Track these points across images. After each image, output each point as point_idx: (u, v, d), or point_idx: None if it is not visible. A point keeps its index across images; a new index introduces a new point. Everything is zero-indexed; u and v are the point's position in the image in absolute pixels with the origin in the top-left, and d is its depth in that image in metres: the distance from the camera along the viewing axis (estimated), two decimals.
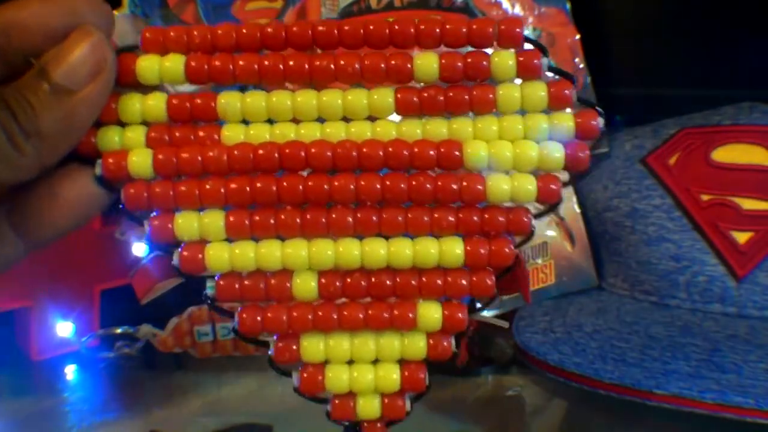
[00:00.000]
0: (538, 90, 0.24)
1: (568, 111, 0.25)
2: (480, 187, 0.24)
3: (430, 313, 0.25)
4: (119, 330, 0.48)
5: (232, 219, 0.24)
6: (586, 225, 0.56)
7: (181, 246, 0.25)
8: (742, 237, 0.49)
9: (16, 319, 0.50)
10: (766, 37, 0.62)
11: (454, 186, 0.24)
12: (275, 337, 0.25)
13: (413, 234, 0.24)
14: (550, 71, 0.24)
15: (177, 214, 0.24)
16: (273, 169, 0.24)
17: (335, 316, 0.25)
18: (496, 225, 0.24)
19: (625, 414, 0.42)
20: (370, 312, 0.25)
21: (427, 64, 0.24)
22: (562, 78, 0.25)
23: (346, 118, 0.25)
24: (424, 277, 0.25)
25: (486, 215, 0.24)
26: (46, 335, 0.49)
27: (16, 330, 0.51)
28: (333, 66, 0.24)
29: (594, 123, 0.25)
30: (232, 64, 0.24)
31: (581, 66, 0.57)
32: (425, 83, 0.25)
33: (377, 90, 0.24)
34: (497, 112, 0.25)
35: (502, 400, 0.46)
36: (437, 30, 0.24)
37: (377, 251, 0.24)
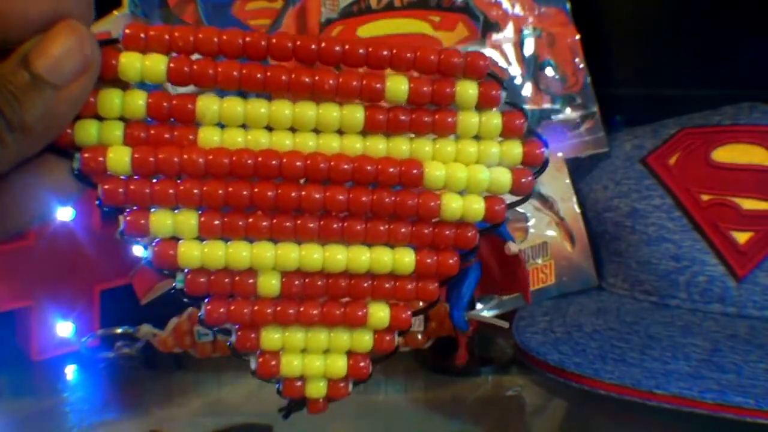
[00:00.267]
0: (493, 119, 0.27)
1: (517, 139, 0.27)
2: (434, 204, 0.26)
3: (378, 312, 0.27)
4: (119, 330, 0.48)
5: (204, 219, 0.26)
6: (586, 225, 0.56)
7: (155, 242, 0.26)
8: (742, 237, 0.49)
9: (17, 319, 0.50)
10: (766, 37, 0.62)
11: (411, 202, 0.26)
12: (237, 327, 0.27)
13: (371, 243, 0.27)
14: (506, 104, 0.27)
15: (152, 212, 0.26)
16: (246, 175, 0.26)
17: (293, 312, 0.27)
18: (445, 239, 0.27)
19: (625, 414, 0.42)
20: (325, 309, 0.27)
21: (398, 86, 0.26)
22: (515, 109, 0.27)
23: (317, 130, 0.26)
24: (376, 281, 0.27)
25: (436, 230, 0.27)
26: (46, 335, 0.49)
27: (17, 330, 0.50)
28: (309, 80, 0.26)
29: (539, 152, 0.27)
30: (212, 69, 0.25)
31: (581, 66, 0.57)
32: (394, 104, 0.26)
33: (348, 106, 0.26)
34: (455, 136, 0.27)
35: (502, 400, 0.46)
36: (409, 55, 0.26)
37: (337, 256, 0.26)
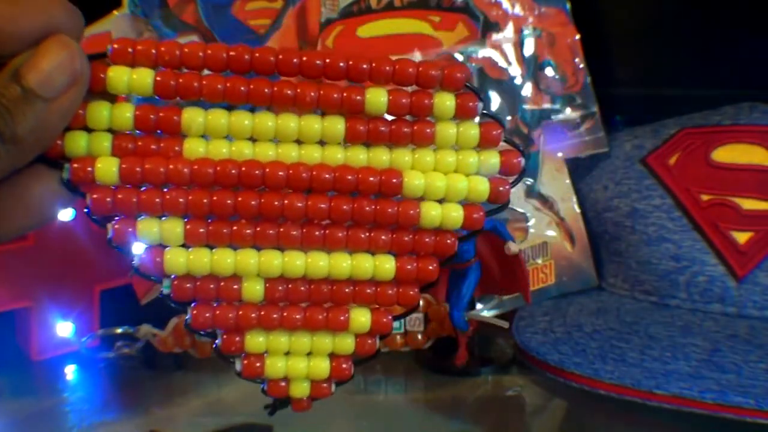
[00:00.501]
0: (471, 129, 0.27)
1: (495, 150, 0.28)
2: (413, 212, 0.27)
3: (360, 317, 0.28)
4: (119, 330, 0.48)
5: (189, 227, 0.26)
6: (586, 225, 0.56)
7: (142, 249, 0.27)
8: (742, 237, 0.49)
9: (17, 319, 0.50)
10: (766, 37, 0.62)
11: (391, 210, 0.27)
12: (222, 331, 0.28)
13: (352, 250, 0.27)
14: (483, 115, 0.27)
15: (139, 220, 0.26)
16: (230, 184, 0.26)
17: (276, 316, 0.27)
18: (424, 246, 0.28)
19: (625, 414, 0.42)
20: (308, 314, 0.28)
21: (377, 98, 0.27)
22: (492, 120, 0.28)
23: (299, 141, 0.27)
24: (357, 287, 0.28)
25: (416, 237, 0.28)
26: (46, 335, 0.49)
27: (17, 330, 0.50)
28: (291, 92, 0.26)
29: (516, 161, 0.28)
30: (197, 82, 0.26)
31: (581, 66, 0.57)
32: (373, 115, 0.27)
33: (329, 117, 0.27)
34: (434, 146, 0.28)
35: (502, 400, 0.46)
36: (388, 68, 0.27)
37: (319, 263, 0.27)
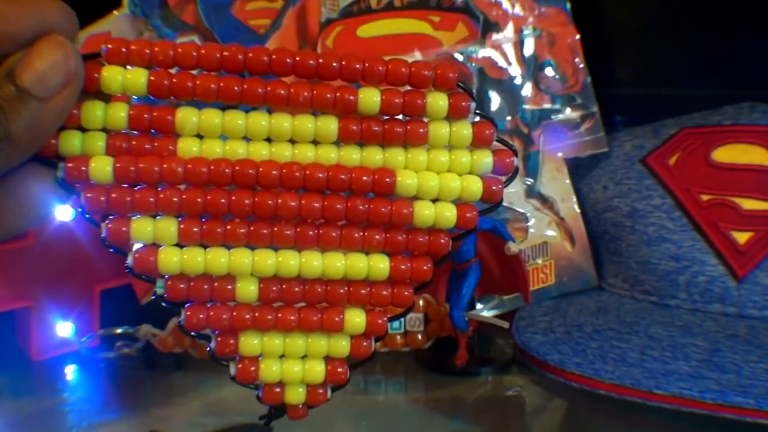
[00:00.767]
0: (463, 129, 0.27)
1: (488, 149, 0.27)
2: (407, 211, 0.27)
3: (355, 318, 0.28)
4: (119, 330, 0.48)
5: (183, 226, 0.26)
6: (586, 225, 0.56)
7: (136, 248, 0.27)
8: (742, 237, 0.49)
9: (17, 319, 0.50)
10: (766, 37, 0.62)
11: (384, 209, 0.27)
12: (217, 333, 0.28)
13: (346, 249, 0.27)
14: (476, 114, 0.27)
15: (133, 219, 0.26)
16: (224, 183, 0.26)
17: (271, 317, 0.27)
18: (418, 245, 0.27)
19: (625, 414, 0.42)
20: (302, 315, 0.27)
21: (370, 98, 0.26)
22: (484, 120, 0.28)
23: (292, 140, 0.27)
24: (352, 287, 0.27)
25: (409, 236, 0.27)
26: (46, 335, 0.49)
27: (17, 330, 0.50)
28: (285, 92, 0.26)
29: (509, 161, 0.27)
30: (191, 82, 0.26)
31: (581, 66, 0.57)
32: (367, 115, 0.27)
33: (322, 117, 0.27)
34: (427, 146, 0.27)
35: (502, 400, 0.46)
36: (381, 68, 0.26)
37: (313, 263, 0.27)
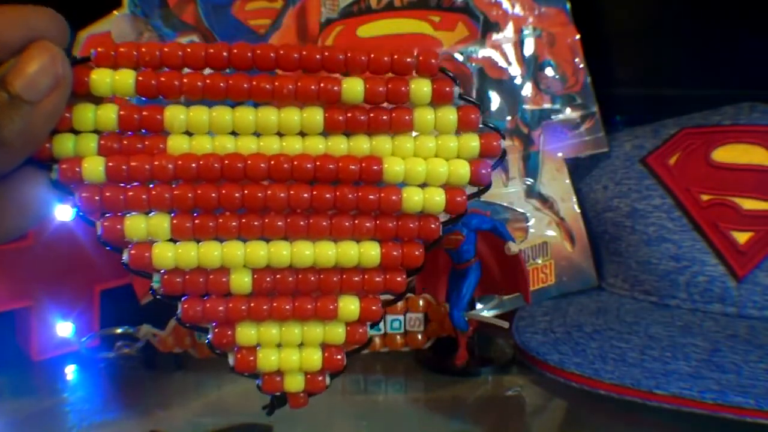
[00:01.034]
0: (449, 114, 0.27)
1: (475, 133, 0.28)
2: (395, 198, 0.27)
3: (349, 305, 0.28)
4: (119, 330, 0.48)
5: (176, 221, 0.27)
6: (586, 225, 0.56)
7: (131, 245, 0.27)
8: (742, 237, 0.49)
9: (17, 319, 0.50)
10: (766, 37, 0.62)
11: (373, 197, 0.27)
12: (214, 324, 0.28)
13: (336, 238, 0.27)
14: (460, 98, 0.27)
15: (127, 216, 0.27)
16: (214, 178, 0.26)
17: (266, 308, 0.28)
18: (409, 231, 0.28)
19: (625, 414, 0.42)
20: (297, 304, 0.28)
21: (353, 87, 0.27)
22: (469, 104, 0.28)
23: (280, 133, 0.27)
24: (345, 275, 0.28)
25: (400, 222, 0.27)
26: (46, 335, 0.49)
27: (17, 330, 0.51)
28: (270, 86, 0.27)
29: (496, 144, 0.27)
30: (178, 80, 0.26)
31: (581, 66, 0.57)
32: (351, 104, 0.27)
33: (308, 108, 0.27)
34: (414, 132, 0.28)
35: (502, 400, 0.46)
36: (363, 58, 0.27)
37: (304, 252, 0.27)
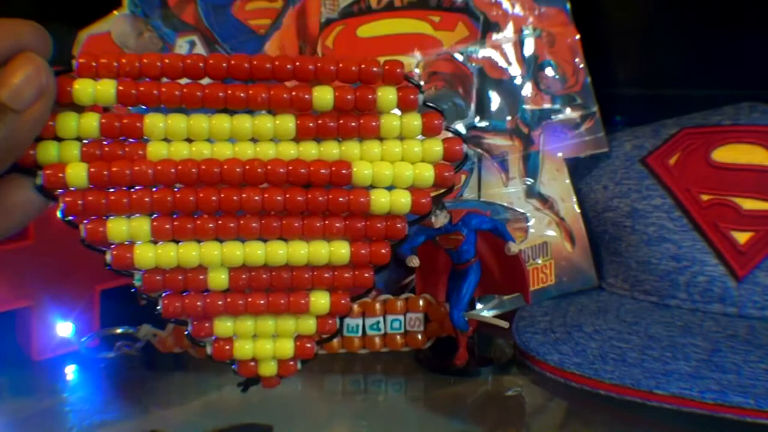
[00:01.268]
0: (413, 120, 0.29)
1: (438, 138, 0.29)
2: (364, 200, 0.29)
3: (320, 300, 0.30)
4: (119, 330, 0.48)
5: (156, 224, 0.28)
6: (586, 225, 0.56)
7: (113, 246, 0.29)
8: (742, 237, 0.49)
9: (17, 319, 0.50)
10: (766, 37, 0.62)
11: (343, 199, 0.29)
12: (192, 318, 0.30)
13: (308, 238, 0.29)
14: (424, 105, 0.29)
15: (109, 219, 0.28)
16: (192, 182, 0.28)
17: (242, 303, 0.29)
18: (376, 231, 0.29)
19: (625, 414, 0.42)
20: (271, 299, 0.29)
21: (323, 95, 0.28)
22: (433, 111, 0.29)
23: (254, 139, 0.29)
24: (316, 272, 0.30)
25: (368, 223, 0.29)
26: (46, 335, 0.49)
27: (17, 330, 0.50)
28: (244, 95, 0.28)
29: (458, 148, 0.29)
30: (156, 90, 0.28)
31: (581, 66, 0.57)
32: (321, 112, 0.29)
33: (280, 116, 0.28)
34: (380, 138, 0.29)
35: (502, 400, 0.46)
36: (332, 68, 0.28)
37: (278, 251, 0.29)
